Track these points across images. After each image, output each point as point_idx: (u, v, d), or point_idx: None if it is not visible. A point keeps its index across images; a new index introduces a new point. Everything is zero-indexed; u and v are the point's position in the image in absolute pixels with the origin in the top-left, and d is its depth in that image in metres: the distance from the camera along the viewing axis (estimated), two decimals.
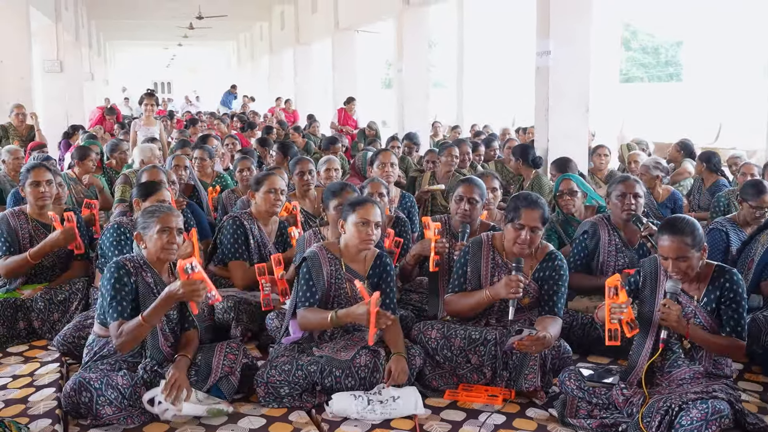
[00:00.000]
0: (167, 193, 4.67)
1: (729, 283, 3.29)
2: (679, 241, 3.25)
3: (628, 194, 4.43)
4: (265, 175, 4.89)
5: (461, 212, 4.37)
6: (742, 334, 3.28)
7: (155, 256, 3.57)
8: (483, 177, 5.14)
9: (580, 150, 7.87)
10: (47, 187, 4.74)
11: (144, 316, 3.34)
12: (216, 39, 36.13)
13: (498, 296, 3.68)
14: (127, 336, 3.36)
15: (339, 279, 3.76)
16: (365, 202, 3.79)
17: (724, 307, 3.30)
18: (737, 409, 3.02)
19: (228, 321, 4.28)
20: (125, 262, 3.52)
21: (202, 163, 7.29)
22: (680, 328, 3.21)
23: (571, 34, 7.77)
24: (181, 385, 3.34)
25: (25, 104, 10.09)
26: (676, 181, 7.56)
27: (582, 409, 3.32)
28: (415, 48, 13.04)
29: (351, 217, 3.73)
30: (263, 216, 4.79)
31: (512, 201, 3.82)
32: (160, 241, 3.54)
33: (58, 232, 4.51)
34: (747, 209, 4.77)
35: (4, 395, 3.62)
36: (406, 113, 12.91)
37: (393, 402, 3.38)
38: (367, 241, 3.72)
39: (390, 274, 3.82)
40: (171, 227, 3.57)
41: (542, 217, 3.72)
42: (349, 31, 17.48)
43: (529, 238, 3.69)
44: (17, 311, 4.42)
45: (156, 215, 3.58)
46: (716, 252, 4.71)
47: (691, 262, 3.26)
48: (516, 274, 3.62)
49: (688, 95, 19.18)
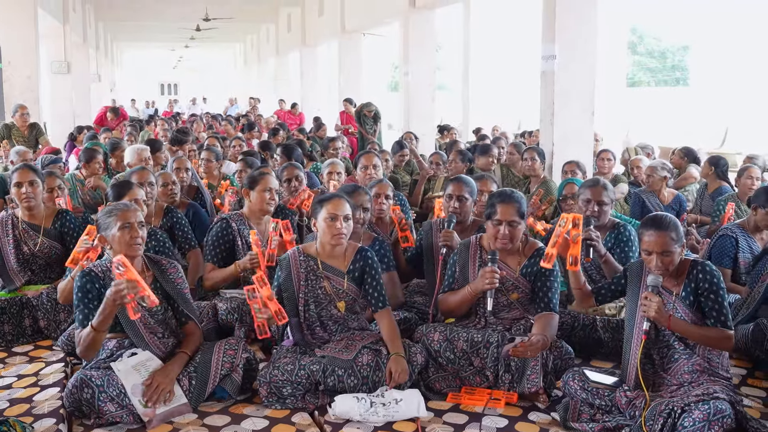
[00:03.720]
0: (140, 191, 4.66)
1: (702, 274, 3.35)
2: (664, 236, 3.32)
3: (593, 201, 4.45)
4: (260, 174, 4.88)
5: (452, 210, 4.52)
6: (726, 323, 3.31)
7: (121, 254, 3.50)
8: (481, 180, 5.18)
9: (586, 154, 7.86)
10: (30, 188, 4.70)
11: (93, 324, 3.31)
12: (223, 41, 36.24)
13: (477, 289, 3.75)
14: (83, 344, 3.35)
15: (315, 278, 3.78)
16: (333, 197, 3.82)
17: (703, 299, 3.34)
18: (738, 410, 3.03)
19: (231, 322, 4.29)
20: (92, 269, 3.52)
21: (208, 164, 7.33)
22: (661, 319, 3.28)
23: (576, 38, 7.77)
24: (163, 388, 3.35)
25: (32, 105, 10.15)
26: (681, 186, 7.55)
27: (584, 413, 3.33)
28: (421, 51, 13.06)
29: (320, 214, 3.75)
30: (256, 215, 4.76)
31: (488, 198, 3.93)
32: (123, 237, 3.49)
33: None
34: (761, 215, 4.69)
35: (9, 394, 3.64)
36: (412, 116, 12.93)
37: (395, 404, 3.39)
38: (338, 236, 3.73)
39: (374, 268, 3.81)
40: (131, 222, 3.52)
41: (518, 211, 3.77)
42: (355, 33, 17.50)
43: (508, 232, 3.76)
44: (23, 309, 4.45)
45: (114, 213, 3.55)
46: (725, 258, 4.69)
47: (673, 257, 3.34)
48: (491, 265, 3.70)
49: (695, 99, 19.17)
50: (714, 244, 4.81)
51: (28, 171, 4.80)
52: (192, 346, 3.59)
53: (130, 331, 3.49)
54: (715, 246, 4.79)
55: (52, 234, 4.75)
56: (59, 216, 4.85)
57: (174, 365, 3.46)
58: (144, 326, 3.53)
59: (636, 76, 30.47)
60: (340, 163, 6.41)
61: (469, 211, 4.59)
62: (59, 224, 4.78)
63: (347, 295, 3.78)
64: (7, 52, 12.43)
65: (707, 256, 4.81)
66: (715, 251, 4.77)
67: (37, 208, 4.78)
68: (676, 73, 30.79)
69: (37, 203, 4.77)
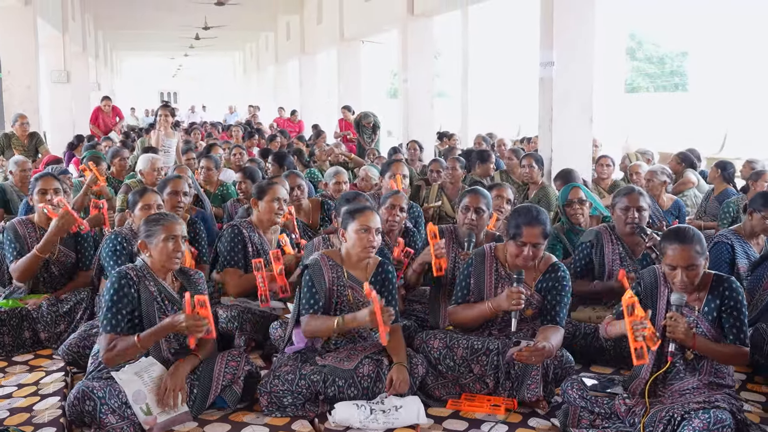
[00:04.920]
0: (156, 197, 4.69)
1: (729, 291, 3.29)
2: (689, 249, 3.24)
3: (632, 207, 4.45)
4: (268, 184, 4.89)
5: (468, 222, 4.38)
6: (745, 340, 3.27)
7: (160, 264, 3.58)
8: (498, 188, 5.16)
9: (584, 160, 7.88)
10: (54, 197, 4.77)
11: (140, 338, 3.36)
12: (222, 49, 36.31)
13: (500, 308, 3.69)
14: (119, 353, 3.38)
15: (341, 286, 3.78)
16: (365, 209, 3.81)
17: (725, 316, 3.29)
18: (739, 419, 3.02)
19: (232, 330, 4.29)
20: (128, 271, 3.53)
21: (208, 172, 7.35)
22: (687, 340, 3.18)
23: (574, 44, 7.79)
24: (175, 390, 3.36)
25: (31, 114, 10.17)
26: (680, 191, 7.57)
27: (584, 419, 3.32)
28: (420, 58, 13.09)
29: (351, 225, 3.74)
30: (264, 225, 4.78)
31: (513, 217, 3.82)
32: (165, 249, 3.54)
33: (55, 219, 4.51)
34: (758, 220, 4.66)
35: (9, 404, 3.64)
36: (411, 123, 12.95)
37: (395, 411, 3.39)
38: (369, 248, 3.73)
39: (392, 282, 3.83)
40: (176, 235, 3.58)
41: (543, 233, 3.72)
42: (354, 41, 17.54)
43: (532, 253, 3.72)
44: (23, 320, 4.44)
45: (161, 223, 3.59)
46: (722, 265, 4.64)
47: (698, 271, 3.26)
48: (517, 286, 3.63)
49: (694, 105, 19.19)
50: (710, 252, 4.76)
51: (52, 179, 4.88)
52: (204, 353, 3.59)
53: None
54: (711, 253, 4.69)
55: (68, 243, 4.77)
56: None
57: (184, 366, 3.46)
58: (164, 339, 3.55)
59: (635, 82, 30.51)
60: (345, 173, 6.44)
61: (485, 224, 4.47)
62: (74, 233, 4.79)
63: (365, 307, 3.76)
64: (6, 62, 12.47)
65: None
66: (711, 258, 4.67)
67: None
68: (674, 78, 30.83)
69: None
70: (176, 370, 3.43)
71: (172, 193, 5.05)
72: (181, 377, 3.41)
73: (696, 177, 7.96)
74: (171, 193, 5.05)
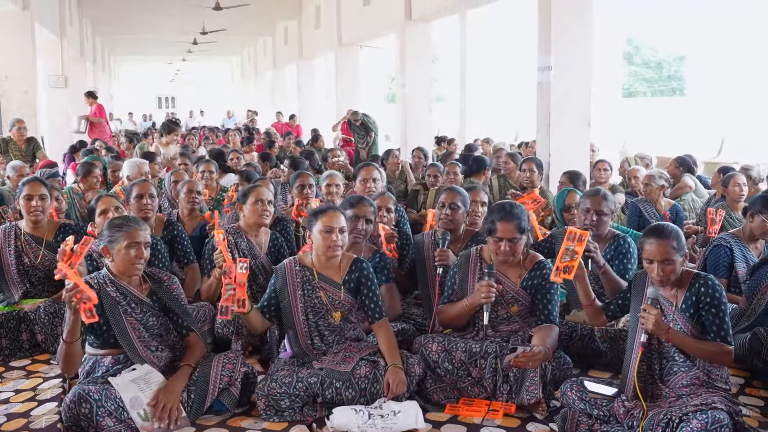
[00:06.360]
0: (113, 200, 4.74)
1: (705, 287, 3.33)
2: (666, 244, 3.32)
3: (592, 210, 4.46)
4: (251, 187, 4.93)
5: (443, 217, 4.53)
6: (726, 338, 3.29)
7: (122, 270, 3.55)
8: (471, 190, 5.17)
9: (582, 164, 7.88)
10: (40, 202, 4.77)
11: (63, 337, 3.34)
12: (220, 54, 36.33)
13: (474, 303, 3.76)
14: (60, 358, 3.38)
15: (311, 288, 3.79)
16: (327, 209, 3.84)
17: (704, 313, 3.33)
18: (737, 421, 3.02)
19: (228, 335, 4.29)
20: (88, 281, 3.50)
21: (209, 176, 7.36)
22: (659, 332, 3.27)
23: (572, 49, 7.81)
24: (171, 406, 3.35)
25: (29, 119, 10.18)
26: (677, 196, 7.57)
27: (583, 423, 3.32)
28: (418, 62, 13.13)
29: (316, 226, 3.78)
30: (252, 228, 4.80)
31: (489, 214, 3.91)
32: (128, 256, 3.52)
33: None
34: (758, 222, 4.64)
35: (7, 409, 3.63)
36: (409, 127, 12.96)
37: (393, 416, 3.38)
38: (333, 248, 3.75)
39: (369, 279, 3.83)
40: (139, 242, 3.55)
41: (518, 227, 3.76)
42: (352, 46, 17.57)
43: (509, 248, 3.76)
44: (20, 323, 4.44)
45: (123, 229, 3.56)
46: (721, 268, 4.65)
47: (674, 266, 3.34)
48: (488, 279, 3.71)
49: (691, 110, 19.23)
50: (708, 254, 4.77)
51: (39, 185, 4.86)
52: (194, 358, 3.59)
53: (124, 344, 3.49)
54: (710, 256, 4.75)
55: (54, 247, 4.76)
56: (61, 229, 4.89)
57: (178, 381, 3.45)
58: (138, 339, 3.53)
59: (632, 87, 30.59)
60: (338, 176, 6.43)
61: (462, 221, 4.60)
62: (61, 237, 4.77)
63: (343, 306, 3.79)
64: (4, 67, 12.49)
65: (701, 267, 4.80)
66: (710, 261, 4.72)
67: (42, 221, 4.83)
68: (672, 83, 30.90)
69: (44, 217, 4.84)
70: (169, 386, 3.41)
71: (137, 196, 5.11)
72: (176, 395, 3.40)
73: (693, 181, 7.96)
74: (137, 196, 5.11)
